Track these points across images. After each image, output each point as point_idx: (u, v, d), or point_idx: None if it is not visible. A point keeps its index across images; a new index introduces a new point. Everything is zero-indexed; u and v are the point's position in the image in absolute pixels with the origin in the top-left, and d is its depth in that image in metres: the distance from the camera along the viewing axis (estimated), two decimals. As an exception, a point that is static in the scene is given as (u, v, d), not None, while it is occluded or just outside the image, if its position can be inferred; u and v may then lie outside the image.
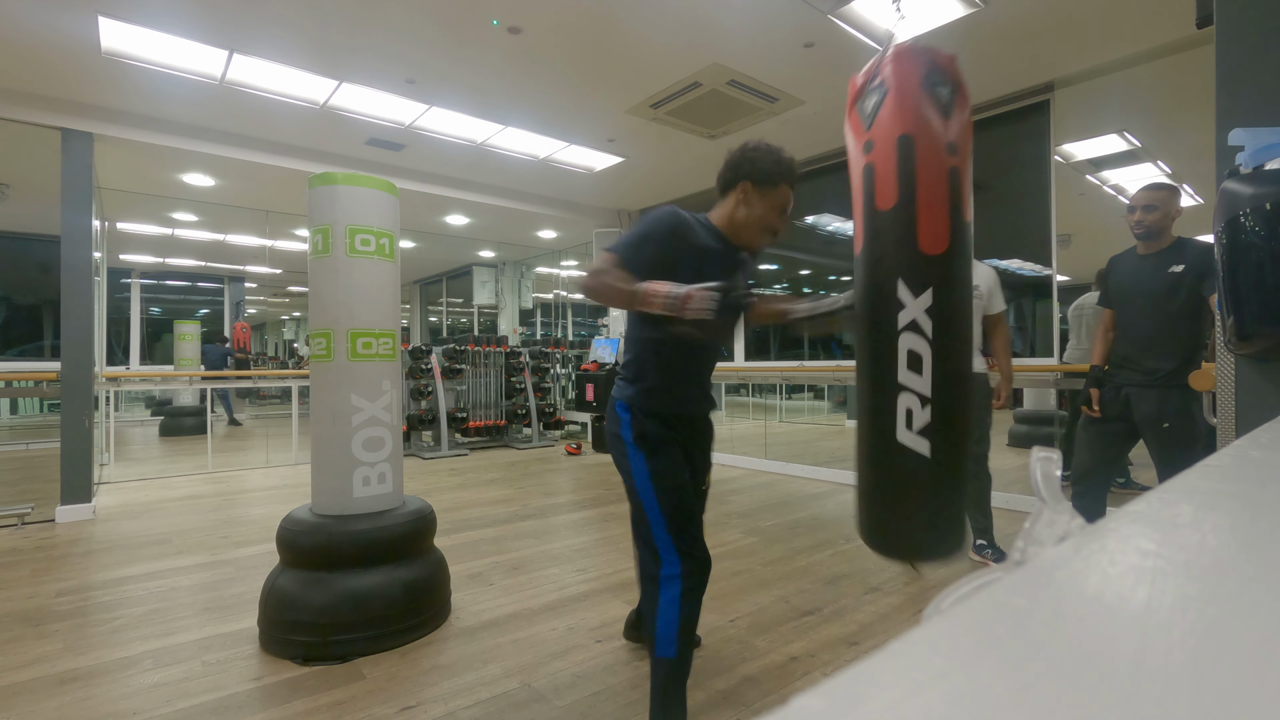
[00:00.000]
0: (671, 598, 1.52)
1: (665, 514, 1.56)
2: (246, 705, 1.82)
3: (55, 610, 2.52)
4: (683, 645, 1.52)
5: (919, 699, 0.18)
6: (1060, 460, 0.59)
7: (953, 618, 0.24)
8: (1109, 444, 2.58)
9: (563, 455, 6.68)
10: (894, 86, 1.28)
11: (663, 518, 1.56)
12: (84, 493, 4.08)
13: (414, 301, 12.25)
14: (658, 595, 1.54)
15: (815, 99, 4.21)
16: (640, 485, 1.58)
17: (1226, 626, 0.23)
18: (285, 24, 3.33)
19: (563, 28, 3.37)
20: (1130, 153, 4.23)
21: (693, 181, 6.18)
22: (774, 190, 1.60)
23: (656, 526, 1.56)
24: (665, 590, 1.53)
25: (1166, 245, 2.45)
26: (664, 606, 1.53)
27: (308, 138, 4.90)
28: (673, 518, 1.56)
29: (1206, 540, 0.35)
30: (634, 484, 1.60)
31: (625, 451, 1.62)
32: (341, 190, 2.32)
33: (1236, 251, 1.33)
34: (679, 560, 1.55)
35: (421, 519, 2.38)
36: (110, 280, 8.02)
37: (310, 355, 2.36)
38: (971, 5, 3.15)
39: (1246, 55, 1.50)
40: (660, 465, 1.59)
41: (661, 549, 1.56)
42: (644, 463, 1.59)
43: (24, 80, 3.87)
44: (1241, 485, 0.50)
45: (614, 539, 3.46)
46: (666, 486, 1.58)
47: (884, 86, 1.31)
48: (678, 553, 1.55)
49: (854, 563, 3.03)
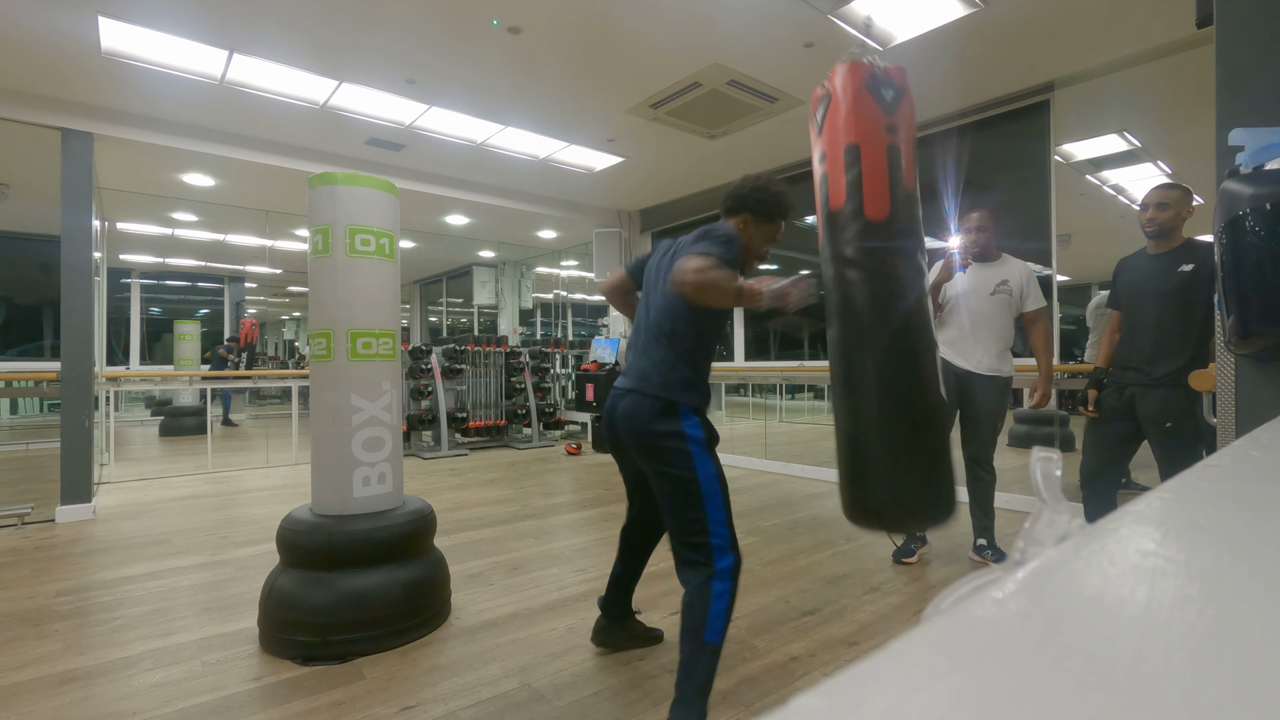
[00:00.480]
0: (724, 589, 1.63)
1: (726, 513, 1.68)
2: (246, 705, 1.82)
3: (55, 610, 2.52)
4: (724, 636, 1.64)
5: (919, 699, 0.18)
6: (1060, 460, 0.59)
7: (953, 618, 0.24)
8: (1115, 445, 2.58)
9: (563, 455, 6.68)
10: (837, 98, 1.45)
11: (723, 516, 1.67)
12: (84, 493, 4.08)
13: (414, 301, 12.25)
14: (710, 587, 1.63)
15: (815, 99, 4.21)
16: (707, 486, 1.67)
17: (1226, 626, 0.23)
18: (285, 24, 3.33)
19: (563, 28, 3.37)
20: (1130, 153, 4.23)
21: (693, 181, 6.18)
22: (770, 225, 1.83)
23: (717, 525, 1.66)
24: (719, 582, 1.63)
25: (1176, 245, 2.45)
26: (717, 597, 1.62)
27: (308, 138, 4.90)
28: (729, 516, 1.69)
29: (1206, 540, 0.35)
30: (700, 484, 1.68)
31: (692, 452, 1.69)
32: (341, 190, 2.32)
33: (1237, 251, 1.33)
34: (732, 556, 1.66)
35: (421, 519, 2.38)
36: (110, 280, 8.02)
37: (310, 355, 2.36)
38: (971, 5, 3.15)
39: (1246, 55, 1.50)
40: (719, 467, 1.71)
41: (718, 544, 1.66)
42: (711, 464, 1.69)
43: (24, 80, 3.87)
44: (1241, 485, 0.50)
45: (614, 539, 3.46)
46: (725, 487, 1.70)
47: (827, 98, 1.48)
48: (731, 549, 1.66)
49: (854, 563, 3.03)
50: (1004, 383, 2.94)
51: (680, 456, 1.69)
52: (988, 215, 2.99)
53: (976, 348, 2.92)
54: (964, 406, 2.96)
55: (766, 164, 5.61)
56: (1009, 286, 2.90)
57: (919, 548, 3.04)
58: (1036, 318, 2.94)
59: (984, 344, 2.91)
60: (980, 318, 2.92)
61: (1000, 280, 2.91)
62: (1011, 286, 2.90)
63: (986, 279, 2.93)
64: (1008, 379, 2.95)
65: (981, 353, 2.91)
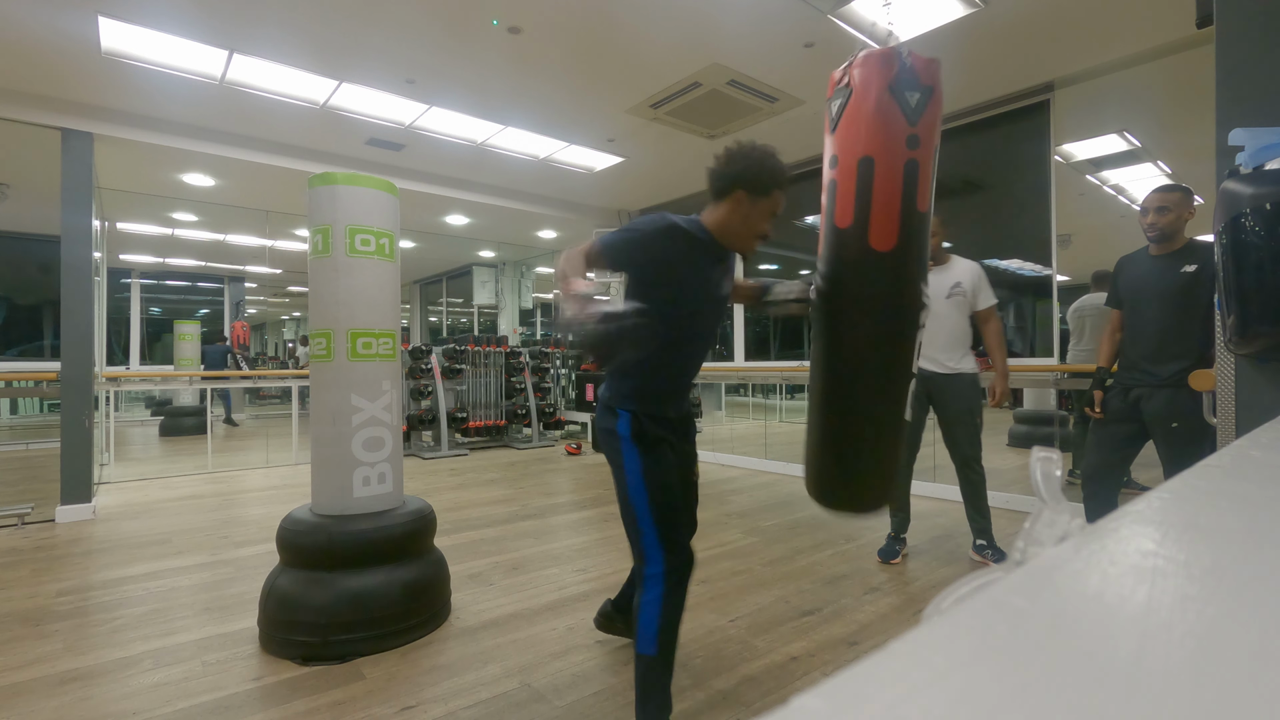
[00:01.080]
0: (654, 596, 1.54)
1: (654, 513, 1.58)
2: (246, 705, 1.82)
3: (55, 610, 2.52)
4: (664, 644, 1.54)
5: (919, 699, 0.18)
6: (1060, 460, 0.59)
7: (953, 618, 0.24)
8: (1118, 445, 2.58)
9: (563, 455, 6.68)
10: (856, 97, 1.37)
11: (650, 516, 1.58)
12: (84, 493, 4.08)
13: (414, 301, 12.25)
14: (642, 596, 1.56)
15: (815, 99, 4.21)
16: (632, 483, 1.60)
17: (1226, 626, 0.23)
18: (285, 24, 3.33)
19: (563, 28, 3.37)
20: (1130, 153, 4.23)
21: (693, 181, 6.18)
22: (767, 198, 1.60)
23: (644, 524, 1.58)
24: (649, 588, 1.55)
25: (1179, 246, 2.45)
26: (646, 604, 1.55)
27: (308, 138, 4.90)
28: (661, 517, 1.58)
29: (1206, 540, 0.35)
30: (625, 480, 1.61)
31: (620, 448, 1.63)
32: (341, 190, 2.32)
33: (1237, 251, 1.33)
34: (663, 559, 1.57)
35: (421, 519, 2.38)
36: (110, 280, 8.02)
37: (310, 355, 2.36)
38: (971, 5, 3.15)
39: (1246, 55, 1.50)
40: (652, 464, 1.61)
41: (647, 547, 1.58)
42: (638, 460, 1.61)
43: (24, 80, 3.87)
44: (1241, 485, 0.50)
45: (614, 539, 3.46)
46: (657, 485, 1.60)
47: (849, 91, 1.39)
48: (662, 551, 1.57)
49: (854, 563, 3.03)
50: (970, 379, 2.97)
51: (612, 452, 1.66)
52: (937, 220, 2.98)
53: (938, 350, 2.96)
54: (936, 408, 3.00)
55: (766, 164, 5.61)
56: (963, 288, 2.94)
57: (902, 549, 3.07)
58: (989, 315, 2.99)
59: (944, 346, 2.96)
60: (939, 320, 2.95)
61: (954, 283, 2.96)
62: (965, 288, 2.95)
63: (940, 283, 2.96)
64: (973, 374, 2.99)
65: (944, 354, 2.96)
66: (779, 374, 5.87)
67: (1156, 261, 2.49)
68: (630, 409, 1.65)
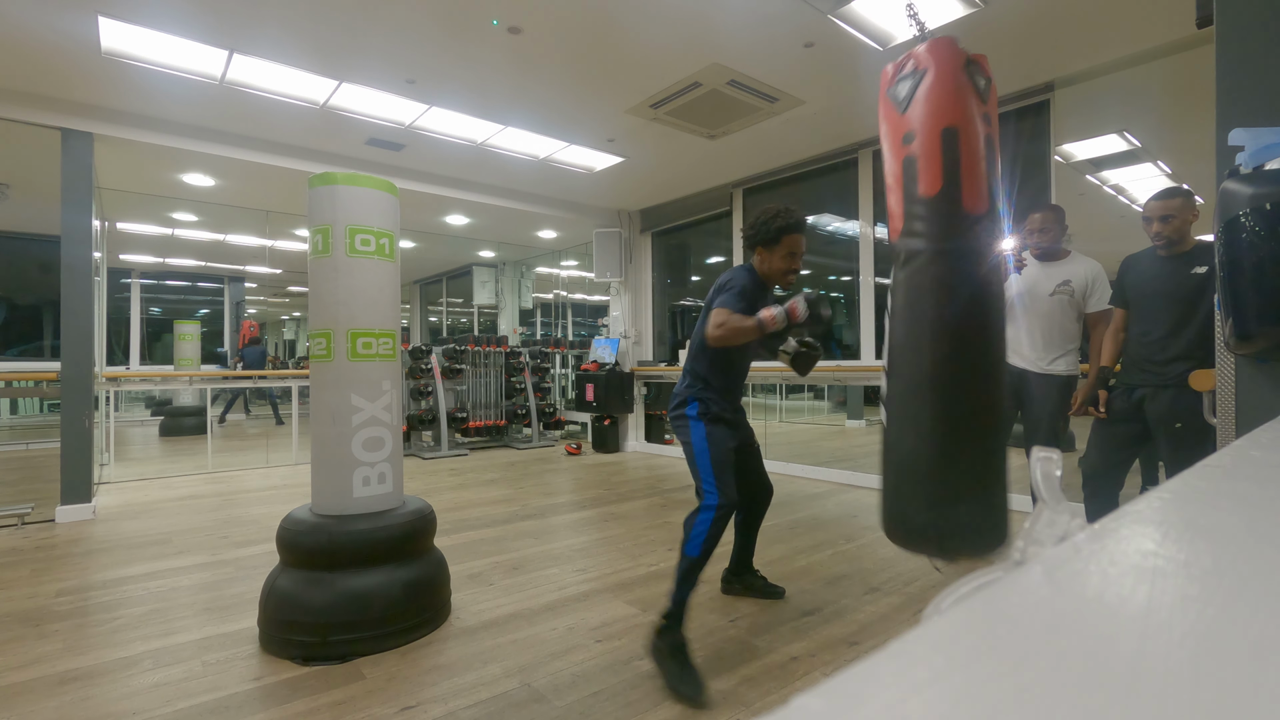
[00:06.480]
0: (706, 519, 2.05)
1: (713, 465, 2.12)
2: (246, 705, 1.82)
3: (55, 610, 2.52)
4: (704, 551, 2.02)
5: (919, 699, 0.18)
6: (1060, 460, 0.59)
7: (953, 618, 0.24)
8: (1120, 445, 2.57)
9: (563, 455, 6.68)
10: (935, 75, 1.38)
11: (710, 467, 2.12)
12: (84, 493, 4.08)
13: (414, 301, 12.25)
14: (697, 516, 2.07)
15: (815, 99, 4.21)
16: (697, 444, 2.16)
17: (1226, 626, 0.23)
18: (285, 24, 3.32)
19: (563, 28, 3.37)
20: (1130, 153, 4.23)
21: (693, 182, 6.18)
22: (779, 246, 2.20)
23: (705, 473, 2.12)
24: (704, 514, 2.07)
25: (1189, 248, 2.43)
26: (699, 522, 2.06)
27: (308, 138, 4.90)
28: (717, 469, 2.12)
29: (1206, 540, 0.35)
30: (691, 443, 2.17)
31: (689, 425, 2.20)
32: (341, 190, 2.32)
33: (1236, 252, 1.33)
34: (717, 498, 2.08)
35: (421, 519, 2.38)
36: (110, 280, 8.02)
37: (310, 355, 2.36)
38: (971, 5, 3.15)
39: (1246, 55, 1.50)
40: (713, 431, 2.18)
41: (705, 488, 2.11)
42: (702, 429, 2.17)
43: (24, 80, 3.87)
44: (1241, 485, 0.50)
45: (614, 539, 3.46)
46: (716, 445, 2.16)
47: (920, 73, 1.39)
48: (717, 492, 2.09)
49: (854, 563, 3.03)
50: (1062, 382, 2.83)
51: (682, 430, 2.24)
52: (1051, 216, 2.90)
53: (1033, 348, 2.86)
54: (1023, 407, 2.89)
55: (766, 164, 5.62)
56: (1070, 286, 2.80)
57: None
58: (1098, 320, 2.82)
59: (1039, 344, 2.85)
60: (1036, 317, 2.85)
61: (1062, 280, 2.82)
62: (1074, 286, 2.80)
63: (1047, 278, 2.85)
64: (1066, 378, 2.84)
65: (1036, 352, 2.85)
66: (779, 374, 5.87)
67: (1165, 263, 2.47)
68: (700, 398, 2.23)
